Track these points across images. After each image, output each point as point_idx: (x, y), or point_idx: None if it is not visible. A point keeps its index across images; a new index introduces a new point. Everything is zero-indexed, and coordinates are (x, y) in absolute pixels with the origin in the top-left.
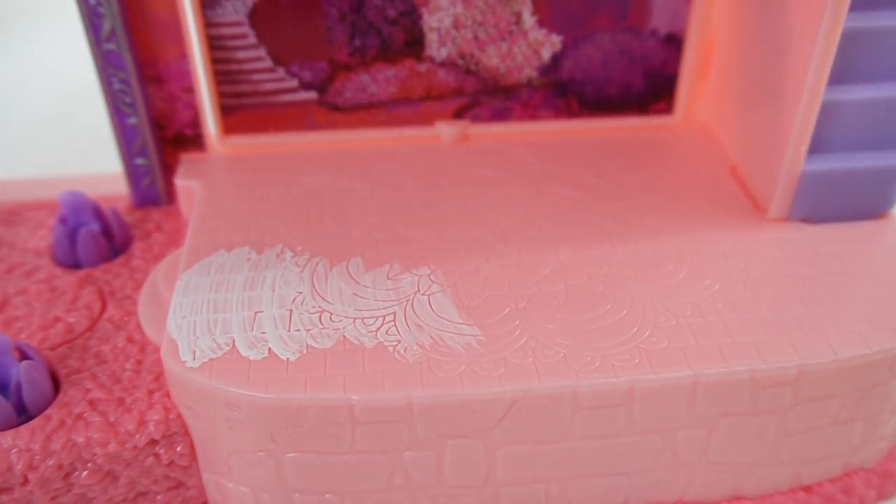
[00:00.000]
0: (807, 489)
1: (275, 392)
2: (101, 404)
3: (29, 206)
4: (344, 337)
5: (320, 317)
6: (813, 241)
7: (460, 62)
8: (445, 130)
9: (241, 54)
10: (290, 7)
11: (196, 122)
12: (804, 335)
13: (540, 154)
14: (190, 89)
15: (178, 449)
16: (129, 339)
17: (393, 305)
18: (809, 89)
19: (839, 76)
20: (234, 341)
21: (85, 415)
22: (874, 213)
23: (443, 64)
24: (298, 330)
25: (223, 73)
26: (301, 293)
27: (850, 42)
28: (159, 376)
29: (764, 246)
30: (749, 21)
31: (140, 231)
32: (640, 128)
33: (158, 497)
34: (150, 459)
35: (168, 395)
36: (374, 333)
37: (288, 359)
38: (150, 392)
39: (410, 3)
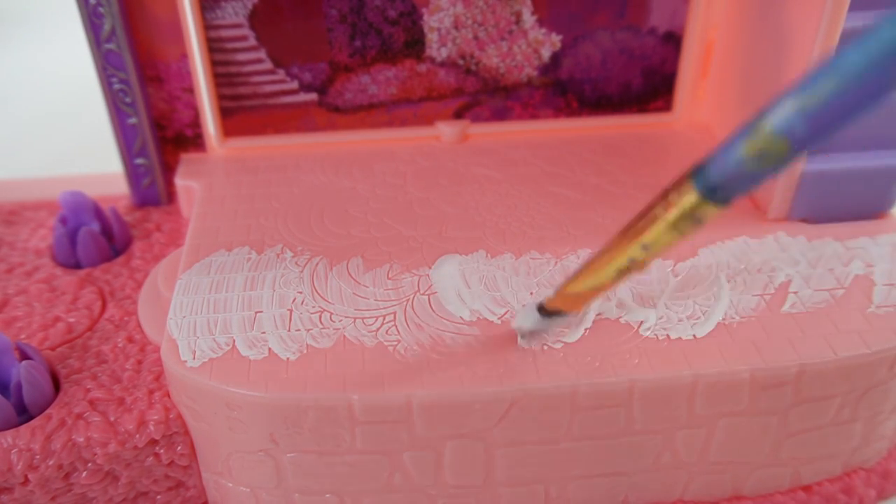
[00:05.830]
0: (807, 489)
1: (275, 392)
2: (101, 404)
3: (29, 206)
4: (344, 337)
5: (320, 317)
6: (813, 241)
7: (460, 62)
8: (445, 130)
9: (240, 56)
10: (290, 8)
11: (196, 123)
12: (804, 335)
13: (540, 154)
14: (190, 89)
15: (178, 449)
16: (129, 339)
17: (393, 305)
18: None
19: None
20: (234, 341)
21: (85, 415)
22: (874, 213)
23: (443, 64)
24: (298, 330)
25: (223, 76)
26: (301, 293)
27: (850, 41)
28: (159, 376)
29: (764, 246)
30: (748, 19)
31: (140, 231)
32: (639, 126)
33: (158, 497)
34: (150, 459)
35: (168, 395)
36: (374, 333)
37: (288, 359)
38: (150, 392)
39: (410, 3)
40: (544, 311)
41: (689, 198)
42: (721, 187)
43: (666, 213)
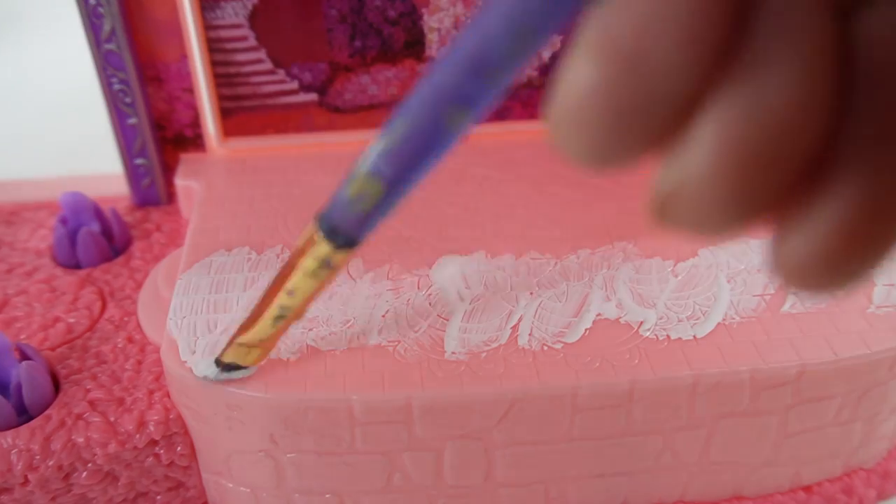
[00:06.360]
0: (807, 489)
1: (275, 392)
2: (101, 404)
3: (29, 207)
4: (343, 337)
5: (319, 317)
6: None
7: None
8: None
9: (240, 56)
10: (290, 9)
11: (196, 123)
12: (804, 335)
13: (540, 154)
14: (190, 90)
15: (178, 449)
16: (129, 339)
17: (393, 306)
18: None
19: None
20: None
21: (85, 415)
22: None
23: None
24: (298, 330)
25: (223, 76)
26: None
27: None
28: (159, 376)
29: (764, 246)
30: None
31: (140, 231)
32: None
33: (158, 497)
34: (150, 460)
35: (168, 395)
36: (374, 334)
37: (288, 359)
38: (150, 392)
39: (411, 3)
40: (221, 364)
41: (318, 244)
42: (340, 230)
43: (303, 260)
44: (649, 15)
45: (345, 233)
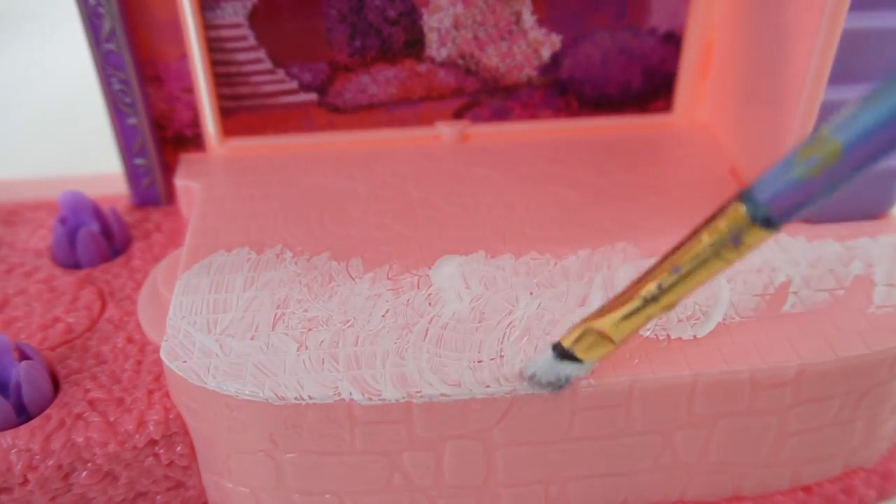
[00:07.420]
0: (807, 489)
1: (274, 392)
2: (101, 404)
3: (29, 207)
4: (344, 337)
5: (320, 317)
6: (813, 242)
7: (460, 62)
8: (445, 130)
9: (240, 56)
10: (290, 8)
11: (196, 123)
12: (804, 335)
13: (540, 154)
14: (190, 90)
15: (178, 449)
16: (129, 339)
17: (392, 305)
18: (809, 89)
19: (839, 76)
20: (233, 341)
21: (84, 415)
22: (874, 213)
23: (443, 64)
24: (298, 330)
25: (223, 76)
26: (300, 294)
27: (850, 42)
28: (159, 376)
29: (764, 246)
30: (749, 19)
31: (140, 231)
32: (639, 126)
33: (158, 497)
34: (150, 460)
35: (168, 395)
36: (373, 334)
37: (288, 359)
38: (150, 392)
39: (410, 3)
40: (560, 349)
41: (734, 214)
42: (765, 203)
43: (705, 236)
44: None
45: (772, 206)
